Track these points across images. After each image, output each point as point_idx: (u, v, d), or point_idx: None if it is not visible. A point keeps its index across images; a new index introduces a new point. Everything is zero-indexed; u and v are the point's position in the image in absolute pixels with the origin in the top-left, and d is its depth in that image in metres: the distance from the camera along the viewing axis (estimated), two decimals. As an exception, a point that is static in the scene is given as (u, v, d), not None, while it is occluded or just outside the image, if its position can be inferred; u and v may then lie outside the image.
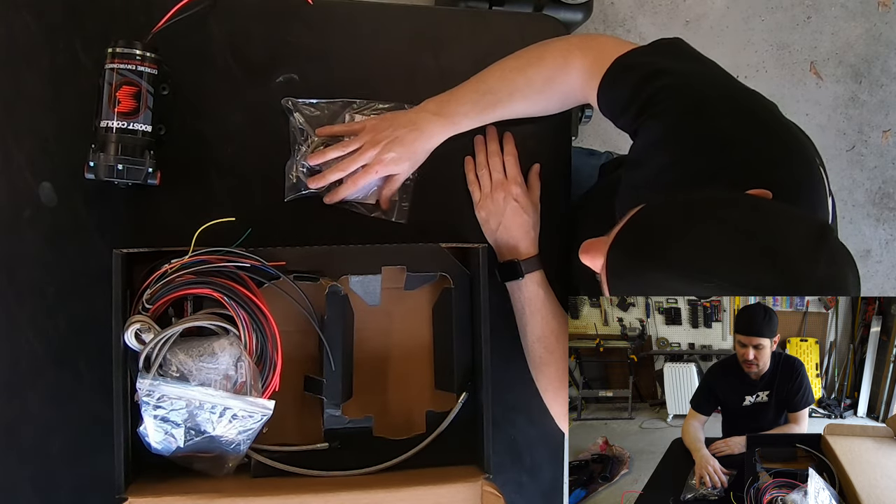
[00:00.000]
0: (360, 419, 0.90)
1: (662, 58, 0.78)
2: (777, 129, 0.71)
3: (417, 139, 0.89)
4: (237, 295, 0.83)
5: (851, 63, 2.12)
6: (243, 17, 0.95)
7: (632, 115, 0.77)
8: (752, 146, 0.69)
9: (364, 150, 0.89)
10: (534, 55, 0.89)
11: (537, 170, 1.00)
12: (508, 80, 0.88)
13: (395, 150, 0.89)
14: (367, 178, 0.90)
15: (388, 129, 0.89)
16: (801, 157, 0.69)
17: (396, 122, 0.90)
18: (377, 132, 0.90)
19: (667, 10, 2.00)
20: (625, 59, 0.80)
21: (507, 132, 0.99)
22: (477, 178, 0.99)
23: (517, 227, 0.95)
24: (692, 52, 0.80)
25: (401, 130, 0.89)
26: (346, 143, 0.91)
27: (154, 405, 0.80)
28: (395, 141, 0.88)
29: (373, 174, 0.89)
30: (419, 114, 0.90)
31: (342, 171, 0.90)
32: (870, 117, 2.13)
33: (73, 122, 0.89)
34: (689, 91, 0.74)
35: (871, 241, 2.15)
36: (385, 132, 0.89)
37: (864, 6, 2.13)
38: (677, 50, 0.80)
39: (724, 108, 0.71)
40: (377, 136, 0.89)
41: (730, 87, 0.74)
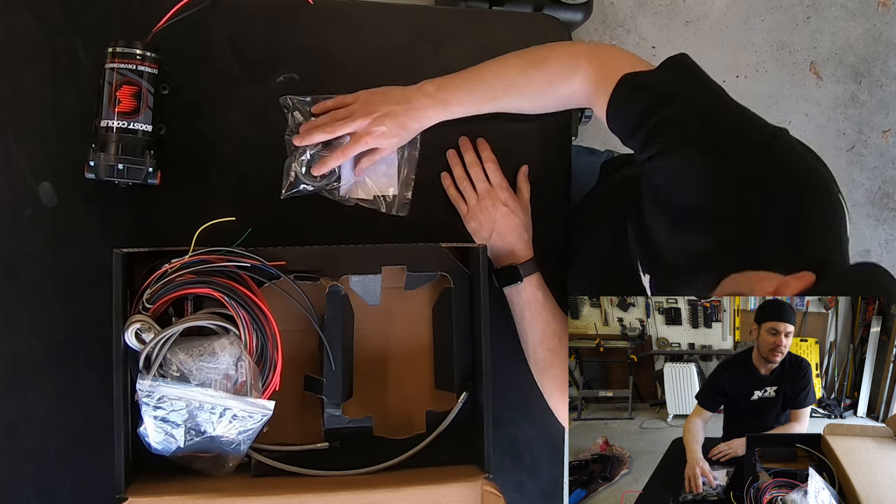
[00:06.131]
0: (360, 419, 0.90)
1: (671, 78, 0.77)
2: (792, 161, 0.68)
3: (410, 116, 0.88)
4: (237, 294, 0.83)
5: (851, 63, 2.12)
6: (243, 17, 0.95)
7: (642, 140, 0.75)
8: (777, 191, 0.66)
9: (354, 118, 0.88)
10: (538, 55, 0.88)
11: (525, 172, 0.99)
12: (507, 76, 0.88)
13: (385, 124, 0.88)
14: (356, 148, 0.88)
15: (381, 102, 0.89)
16: (821, 192, 0.66)
17: (391, 97, 0.89)
18: (370, 104, 0.89)
19: (667, 10, 2.00)
20: (635, 77, 0.78)
21: (481, 138, 0.98)
22: (460, 193, 0.98)
23: (510, 230, 0.95)
24: (698, 72, 0.78)
25: (395, 106, 0.88)
26: (336, 112, 0.90)
27: (154, 406, 0.80)
28: (387, 115, 0.88)
29: (361, 144, 0.88)
30: (415, 92, 0.89)
31: (325, 133, 0.89)
32: (870, 117, 2.13)
33: (73, 122, 0.89)
34: (704, 125, 0.71)
35: (871, 241, 2.15)
36: (379, 105, 0.88)
37: (864, 6, 2.13)
38: (684, 69, 0.78)
39: (740, 146, 0.68)
40: (369, 107, 0.89)
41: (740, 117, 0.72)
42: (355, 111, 0.89)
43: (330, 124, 0.89)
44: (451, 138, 0.99)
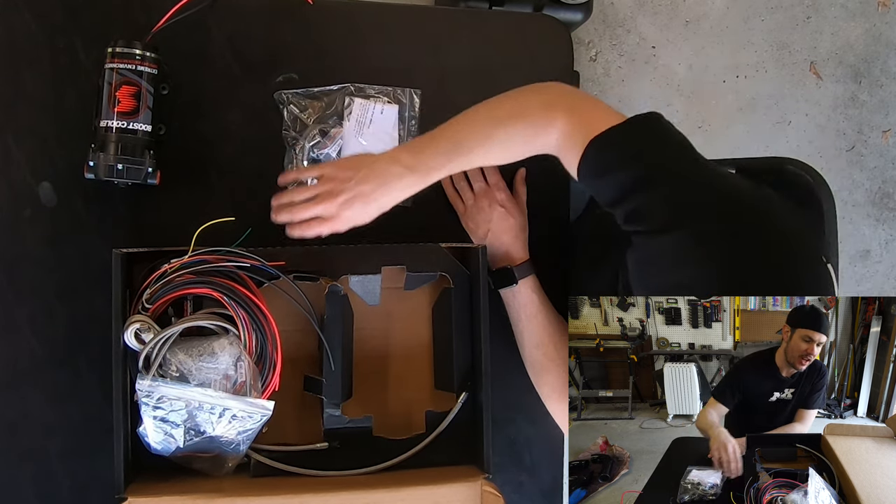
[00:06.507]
0: (360, 419, 0.90)
1: (644, 143, 0.73)
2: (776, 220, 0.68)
3: (383, 197, 0.80)
4: (237, 295, 0.83)
5: (851, 63, 2.12)
6: (243, 17, 0.95)
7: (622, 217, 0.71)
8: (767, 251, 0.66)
9: (321, 200, 0.80)
10: (515, 108, 0.81)
11: (522, 174, 0.99)
12: (486, 133, 0.80)
13: (354, 207, 0.80)
14: (319, 231, 0.81)
15: (349, 180, 0.80)
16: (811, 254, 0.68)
17: (360, 175, 0.80)
18: (340, 182, 0.80)
19: (667, 10, 2.00)
20: (603, 143, 0.73)
21: None
22: (457, 192, 0.97)
23: (505, 231, 0.95)
24: (669, 133, 0.74)
25: (364, 186, 0.79)
26: (302, 189, 0.82)
27: (153, 406, 0.80)
28: (357, 197, 0.79)
29: (325, 228, 0.81)
30: (390, 166, 0.80)
31: (286, 217, 0.82)
32: (870, 117, 2.13)
33: (73, 122, 0.89)
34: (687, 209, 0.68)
35: (870, 241, 2.15)
36: (346, 185, 0.80)
37: (864, 6, 2.13)
38: (655, 131, 0.75)
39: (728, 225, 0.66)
40: (339, 186, 0.80)
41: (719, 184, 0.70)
42: (324, 188, 0.81)
43: (296, 207, 0.82)
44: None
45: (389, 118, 0.98)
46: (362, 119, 0.97)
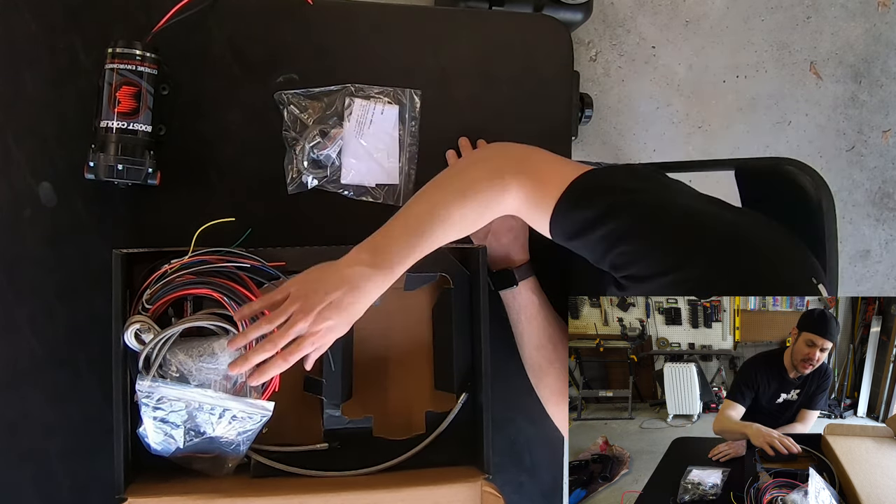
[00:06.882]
0: (360, 419, 0.90)
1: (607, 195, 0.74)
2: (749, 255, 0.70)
3: (356, 300, 0.77)
4: (237, 295, 0.83)
5: (851, 63, 2.12)
6: (243, 18, 0.95)
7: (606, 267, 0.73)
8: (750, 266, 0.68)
9: (294, 322, 0.76)
10: (463, 185, 0.80)
11: None
12: (441, 217, 0.78)
13: (331, 318, 0.76)
14: (301, 352, 0.77)
15: (319, 292, 0.76)
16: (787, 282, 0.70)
17: (328, 284, 0.76)
18: (307, 298, 0.76)
19: (667, 10, 2.00)
20: (568, 205, 0.74)
21: (480, 139, 0.99)
22: None
23: (505, 232, 0.95)
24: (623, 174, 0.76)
25: (334, 294, 0.76)
26: (272, 315, 0.77)
27: (153, 406, 0.80)
28: (329, 307, 0.76)
29: (307, 347, 0.77)
30: (353, 268, 0.77)
31: (269, 350, 0.76)
32: (870, 117, 2.13)
33: (73, 122, 0.89)
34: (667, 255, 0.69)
35: (870, 241, 2.15)
36: (316, 297, 0.76)
37: (864, 6, 2.13)
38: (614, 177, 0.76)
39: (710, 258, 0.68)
40: (307, 302, 0.76)
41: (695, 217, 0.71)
42: (292, 310, 0.77)
43: (272, 337, 0.76)
44: (450, 138, 0.99)
45: (390, 118, 0.98)
46: (362, 119, 0.97)
